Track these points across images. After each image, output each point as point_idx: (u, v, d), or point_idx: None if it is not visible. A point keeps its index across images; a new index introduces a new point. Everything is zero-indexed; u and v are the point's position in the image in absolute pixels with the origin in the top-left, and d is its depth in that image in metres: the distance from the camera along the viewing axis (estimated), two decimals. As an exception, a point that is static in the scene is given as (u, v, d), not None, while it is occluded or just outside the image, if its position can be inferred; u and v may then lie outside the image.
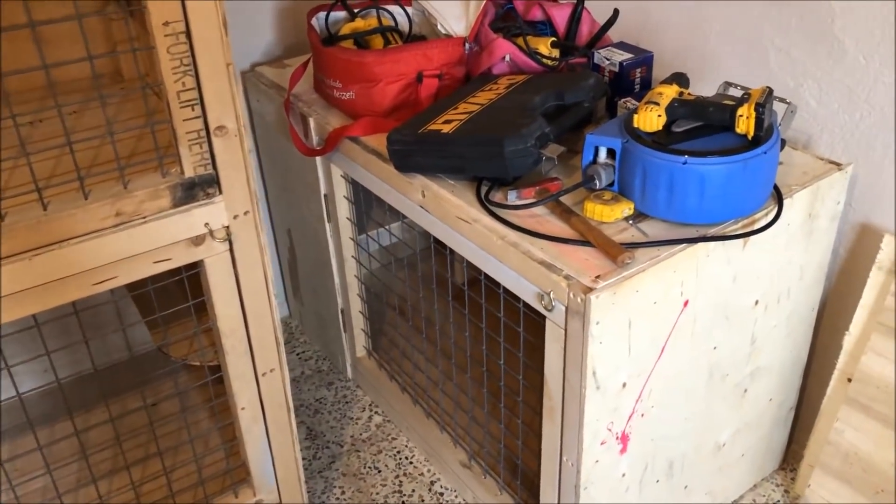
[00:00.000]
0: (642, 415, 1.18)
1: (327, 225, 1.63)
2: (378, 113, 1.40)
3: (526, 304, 1.14)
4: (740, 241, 1.13)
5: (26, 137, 1.14)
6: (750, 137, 1.06)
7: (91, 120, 1.19)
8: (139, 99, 1.24)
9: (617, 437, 1.17)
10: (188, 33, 0.93)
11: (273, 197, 1.88)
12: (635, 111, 1.10)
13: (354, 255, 1.65)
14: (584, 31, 1.43)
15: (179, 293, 1.22)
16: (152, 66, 1.01)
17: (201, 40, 0.94)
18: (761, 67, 1.40)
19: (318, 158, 1.54)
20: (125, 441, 1.45)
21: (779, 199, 1.16)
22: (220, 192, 1.05)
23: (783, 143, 1.13)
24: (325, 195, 1.59)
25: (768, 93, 1.07)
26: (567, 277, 1.03)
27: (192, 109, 0.97)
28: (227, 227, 1.07)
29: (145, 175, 1.03)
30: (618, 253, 1.03)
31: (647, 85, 1.37)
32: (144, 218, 1.01)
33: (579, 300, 1.01)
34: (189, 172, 1.01)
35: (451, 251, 1.30)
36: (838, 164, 1.25)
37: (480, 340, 1.47)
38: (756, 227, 1.13)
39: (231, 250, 1.10)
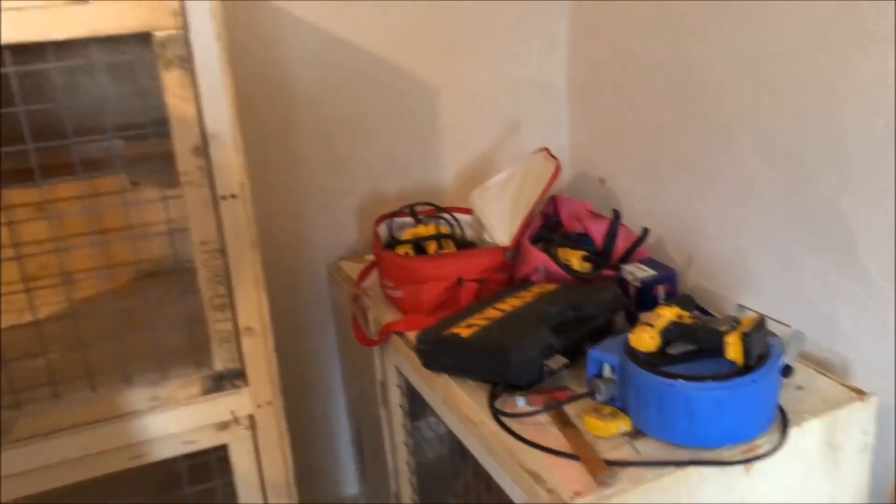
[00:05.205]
0: None
1: (382, 410, 1.73)
2: (422, 311, 1.52)
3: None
4: (741, 467, 1.12)
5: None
6: (740, 364, 1.08)
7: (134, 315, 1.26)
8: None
9: None
10: (223, 250, 1.11)
11: (346, 381, 2.01)
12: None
13: (405, 440, 1.73)
14: (620, 246, 1.51)
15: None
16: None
17: (235, 256, 1.12)
18: (796, 287, 1.41)
19: (374, 348, 1.67)
20: None
21: (784, 427, 1.14)
22: (247, 385, 1.19)
23: (789, 369, 1.14)
24: (381, 382, 1.70)
25: (758, 322, 1.09)
26: (549, 490, 1.06)
27: (223, 312, 1.14)
28: (252, 415, 1.20)
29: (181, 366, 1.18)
30: (599, 471, 1.06)
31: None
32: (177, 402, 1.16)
33: (557, 515, 1.03)
34: (218, 367, 1.16)
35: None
36: (860, 394, 1.22)
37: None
38: (756, 454, 1.11)
39: (254, 436, 1.22)
